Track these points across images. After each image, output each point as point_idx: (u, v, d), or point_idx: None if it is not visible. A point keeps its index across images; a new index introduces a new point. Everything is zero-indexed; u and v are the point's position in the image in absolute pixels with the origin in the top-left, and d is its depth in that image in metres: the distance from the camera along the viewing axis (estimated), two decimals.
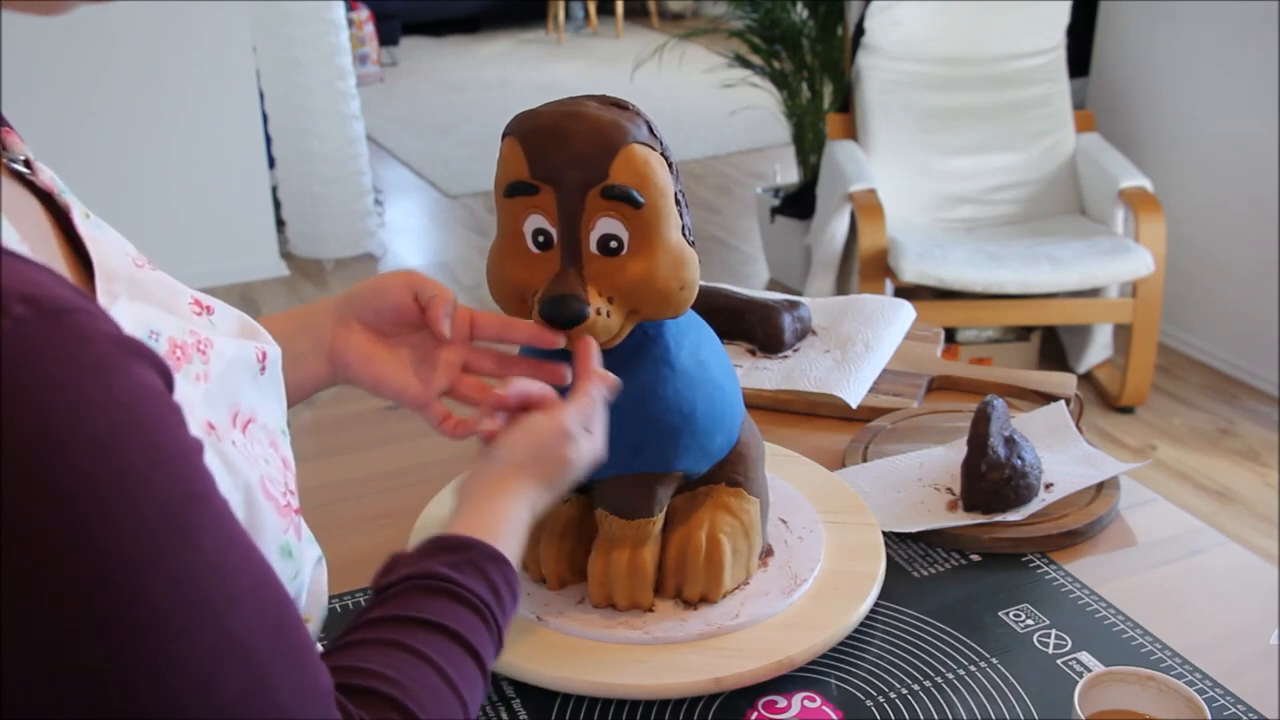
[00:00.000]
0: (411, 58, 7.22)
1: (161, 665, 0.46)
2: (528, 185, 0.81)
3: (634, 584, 0.92)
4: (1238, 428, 3.00)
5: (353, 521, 1.13)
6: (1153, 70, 3.36)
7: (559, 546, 0.95)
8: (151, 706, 0.46)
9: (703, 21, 6.22)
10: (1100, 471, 1.12)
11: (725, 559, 0.92)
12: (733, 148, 5.39)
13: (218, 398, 0.61)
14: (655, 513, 0.92)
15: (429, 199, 4.89)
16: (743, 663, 0.87)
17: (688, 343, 0.90)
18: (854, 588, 0.95)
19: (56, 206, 0.61)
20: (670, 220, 0.83)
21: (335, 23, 3.90)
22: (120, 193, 3.72)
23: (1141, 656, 0.92)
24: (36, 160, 0.61)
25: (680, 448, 0.90)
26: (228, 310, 0.68)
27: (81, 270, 0.59)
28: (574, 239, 0.81)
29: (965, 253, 2.92)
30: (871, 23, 3.19)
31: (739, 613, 0.92)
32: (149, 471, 0.45)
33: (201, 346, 0.61)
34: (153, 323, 0.59)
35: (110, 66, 3.62)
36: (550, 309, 0.81)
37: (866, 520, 1.03)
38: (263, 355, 0.67)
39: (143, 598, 0.45)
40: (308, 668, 0.53)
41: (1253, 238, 3.12)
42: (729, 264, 4.16)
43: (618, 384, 0.83)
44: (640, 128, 0.82)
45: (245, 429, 0.63)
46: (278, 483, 0.63)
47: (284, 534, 0.62)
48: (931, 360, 1.40)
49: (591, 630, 0.91)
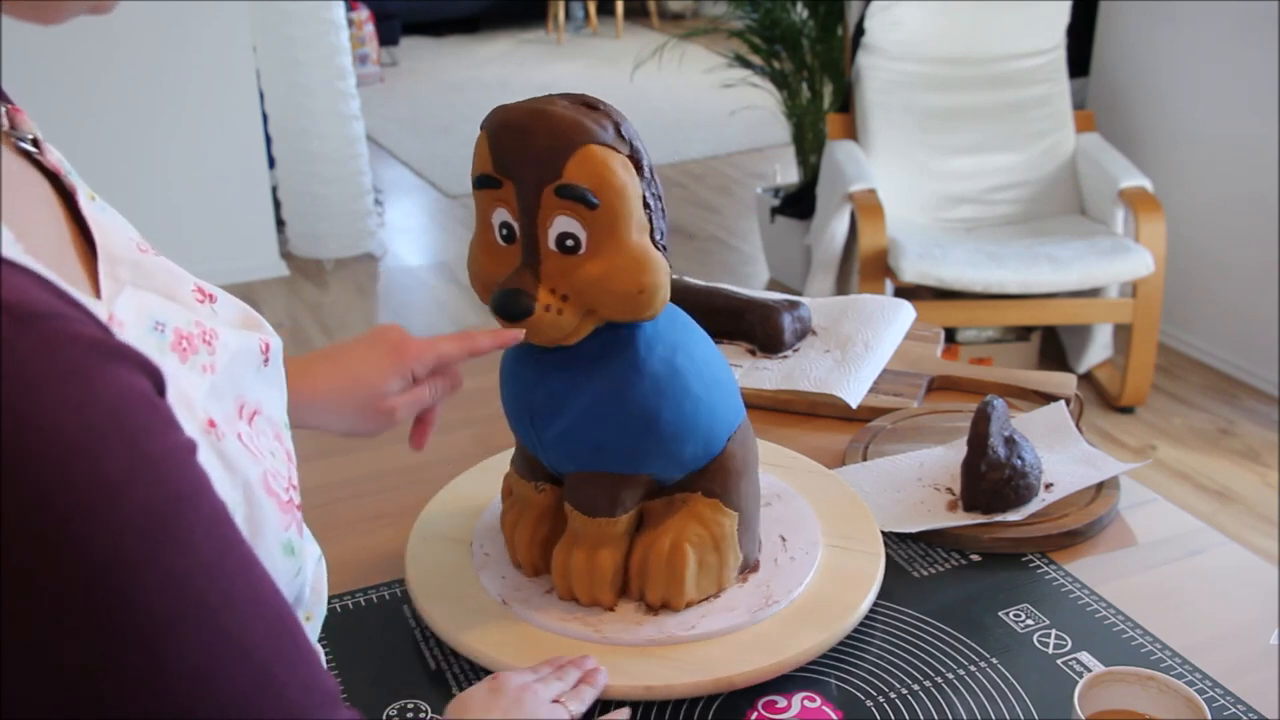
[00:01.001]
0: (411, 58, 7.22)
1: (157, 668, 0.46)
2: (491, 179, 0.83)
3: (592, 582, 0.92)
4: (1238, 428, 3.00)
5: (353, 521, 1.13)
6: (1153, 70, 3.36)
7: (533, 533, 0.96)
8: (150, 710, 0.46)
9: (703, 21, 6.22)
10: (1100, 471, 1.12)
11: (688, 568, 0.91)
12: (733, 148, 5.39)
13: (224, 389, 0.61)
14: (617, 513, 0.92)
15: (429, 199, 4.89)
16: (681, 675, 0.87)
17: (661, 347, 0.88)
18: (853, 588, 0.95)
19: (63, 187, 0.61)
20: (630, 223, 0.82)
21: (335, 23, 3.90)
22: (120, 192, 3.71)
23: (1141, 656, 0.92)
24: (45, 141, 0.61)
25: (643, 452, 0.89)
26: (230, 300, 0.68)
27: (87, 252, 0.59)
28: (532, 235, 0.82)
29: (965, 253, 2.92)
30: (871, 23, 3.19)
31: (696, 625, 0.91)
32: (132, 474, 0.45)
33: (207, 337, 0.61)
34: (159, 313, 0.59)
35: (110, 66, 3.63)
36: (497, 302, 0.83)
37: (872, 549, 0.99)
38: (266, 347, 0.67)
39: (133, 601, 0.45)
40: (313, 668, 0.53)
41: (1253, 238, 3.12)
42: (729, 264, 4.16)
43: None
44: (605, 129, 0.81)
45: (252, 420, 0.63)
46: (281, 477, 0.63)
47: (286, 531, 0.62)
48: (931, 360, 1.40)
49: (547, 621, 0.92)
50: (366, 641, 0.96)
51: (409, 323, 3.76)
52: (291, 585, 0.63)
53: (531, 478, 0.97)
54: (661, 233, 0.85)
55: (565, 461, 0.91)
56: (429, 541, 1.03)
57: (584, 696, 0.83)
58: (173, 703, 0.46)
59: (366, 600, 1.00)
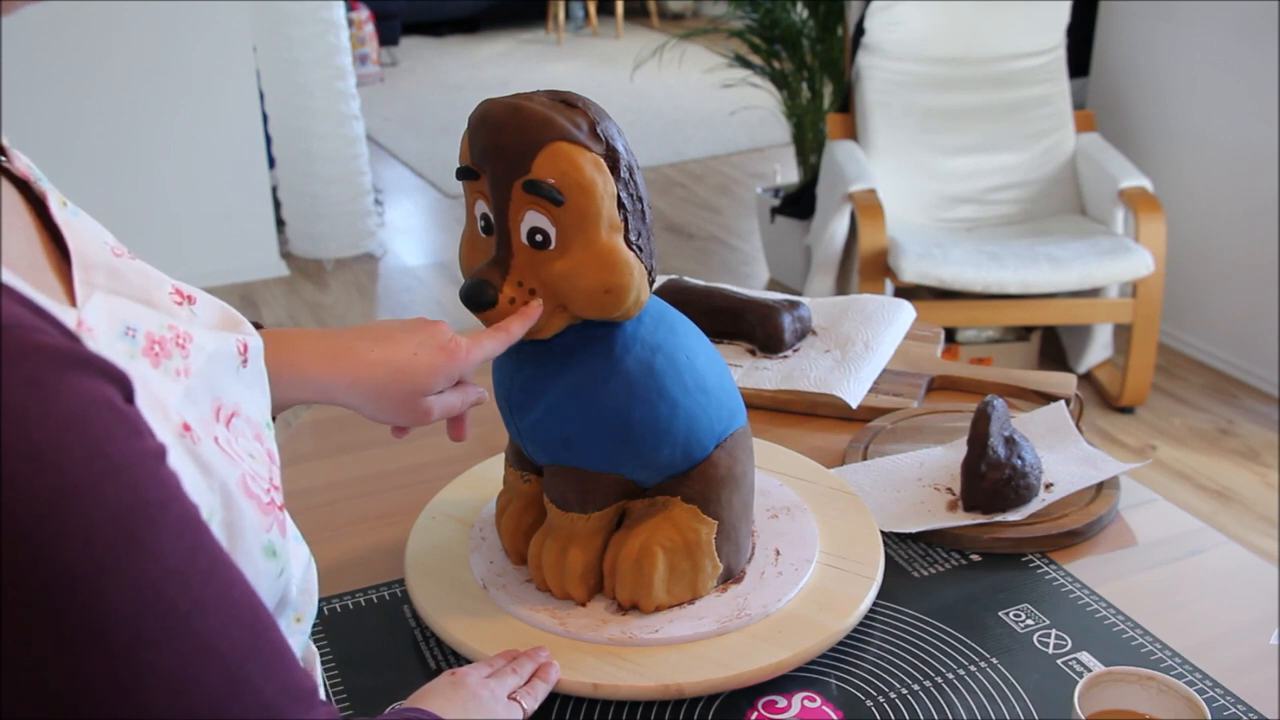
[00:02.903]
0: (411, 58, 7.22)
1: (130, 674, 0.46)
2: (469, 170, 0.85)
3: (562, 575, 0.93)
4: (1238, 428, 3.00)
5: (353, 521, 1.13)
6: (1153, 70, 3.36)
7: (518, 522, 0.97)
8: (124, 716, 0.46)
9: (703, 21, 6.22)
10: (1100, 471, 1.12)
11: (656, 571, 0.91)
12: (733, 148, 5.39)
13: (199, 392, 0.60)
14: (588, 510, 0.92)
15: (429, 199, 4.89)
16: (631, 677, 0.87)
17: (639, 348, 0.88)
18: (832, 611, 0.93)
19: (33, 194, 0.60)
20: (600, 222, 0.82)
21: (335, 23, 3.90)
22: (120, 192, 3.72)
23: (1141, 656, 0.92)
24: (13, 148, 0.60)
25: (610, 451, 0.89)
26: (209, 300, 0.67)
27: (59, 259, 0.58)
28: (504, 228, 0.83)
29: (965, 253, 2.92)
30: (871, 23, 3.19)
31: (661, 629, 0.91)
32: (96, 481, 0.45)
33: (181, 341, 0.61)
34: (129, 318, 0.58)
35: (110, 66, 3.63)
36: (463, 291, 0.84)
37: (866, 573, 0.97)
38: (244, 347, 0.66)
39: (102, 608, 0.45)
40: (289, 668, 0.53)
41: (1253, 238, 3.12)
42: (729, 264, 4.16)
43: None
44: (579, 127, 0.82)
45: (229, 423, 0.62)
46: (261, 479, 0.63)
47: (267, 532, 0.62)
48: (931, 360, 1.40)
49: (517, 609, 0.93)
50: (366, 641, 0.96)
51: None
52: (274, 586, 0.63)
53: (519, 467, 0.98)
54: (639, 233, 0.85)
55: (539, 453, 0.92)
56: (437, 520, 1.05)
57: (537, 693, 0.84)
58: (146, 708, 0.46)
59: (366, 600, 1.01)
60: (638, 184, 0.85)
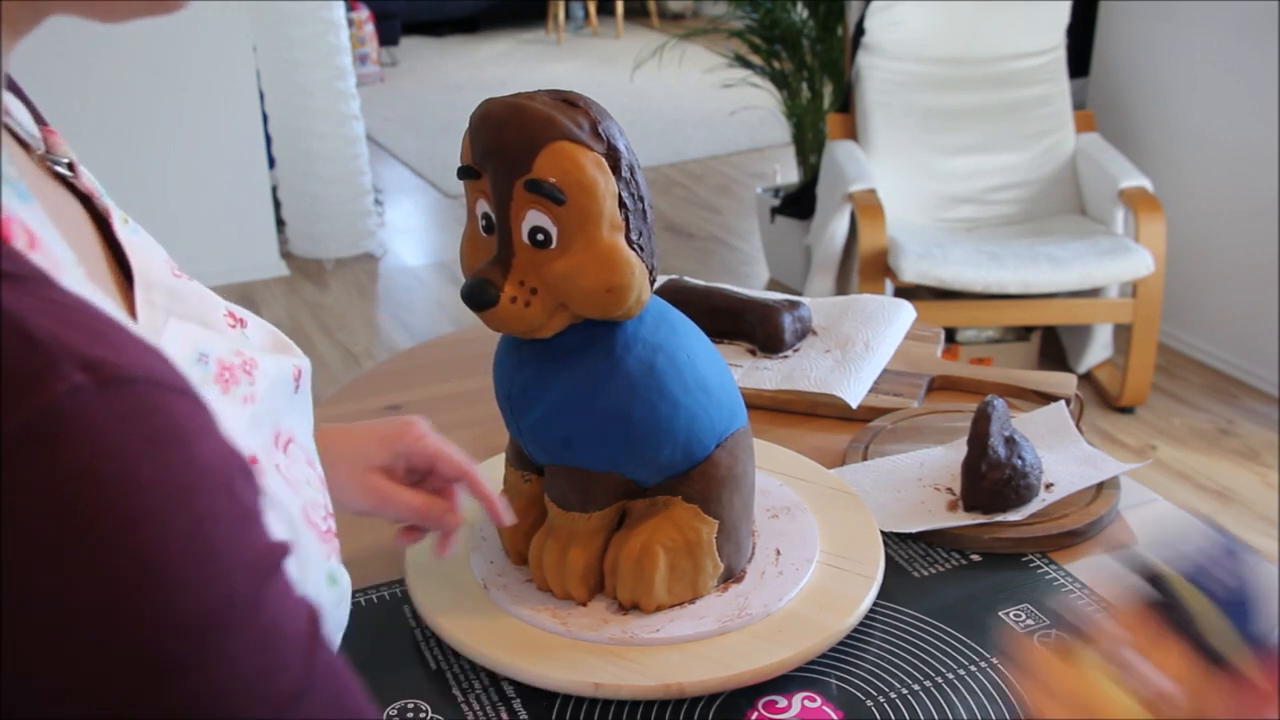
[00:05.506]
0: (411, 58, 7.22)
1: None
2: (470, 169, 0.84)
3: (563, 575, 0.93)
4: (1238, 428, 3.00)
5: (353, 521, 1.12)
6: (1153, 70, 3.36)
7: (519, 523, 0.96)
8: None
9: (703, 21, 6.22)
10: (1100, 471, 1.12)
11: (657, 571, 0.91)
12: (733, 148, 5.39)
13: (263, 419, 0.59)
14: (589, 509, 0.91)
15: (429, 199, 4.89)
16: (632, 677, 0.86)
17: (640, 347, 0.87)
18: (833, 611, 0.93)
19: (96, 210, 0.59)
20: (602, 221, 0.82)
21: (335, 23, 3.90)
22: (120, 193, 3.68)
23: None
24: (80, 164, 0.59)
25: (613, 450, 0.89)
26: (259, 323, 0.66)
27: (121, 277, 0.57)
28: (506, 227, 0.83)
29: (965, 253, 2.92)
30: (871, 23, 3.19)
31: (662, 629, 0.91)
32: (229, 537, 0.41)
33: (248, 367, 0.59)
34: (202, 344, 0.56)
35: (110, 67, 3.63)
36: (464, 290, 0.84)
37: (866, 573, 0.97)
38: (298, 373, 0.65)
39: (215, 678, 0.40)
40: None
41: (1253, 238, 3.12)
42: (729, 264, 4.16)
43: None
44: (581, 126, 0.82)
45: (286, 449, 0.61)
46: (318, 506, 0.61)
47: (327, 560, 0.60)
48: (931, 360, 1.40)
49: (517, 609, 0.93)
50: (366, 641, 0.95)
51: (409, 322, 3.77)
52: (336, 615, 0.61)
53: (520, 467, 0.98)
54: (640, 233, 0.85)
55: (540, 453, 0.92)
56: None
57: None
58: None
59: (366, 600, 1.00)
60: (639, 183, 0.85)
